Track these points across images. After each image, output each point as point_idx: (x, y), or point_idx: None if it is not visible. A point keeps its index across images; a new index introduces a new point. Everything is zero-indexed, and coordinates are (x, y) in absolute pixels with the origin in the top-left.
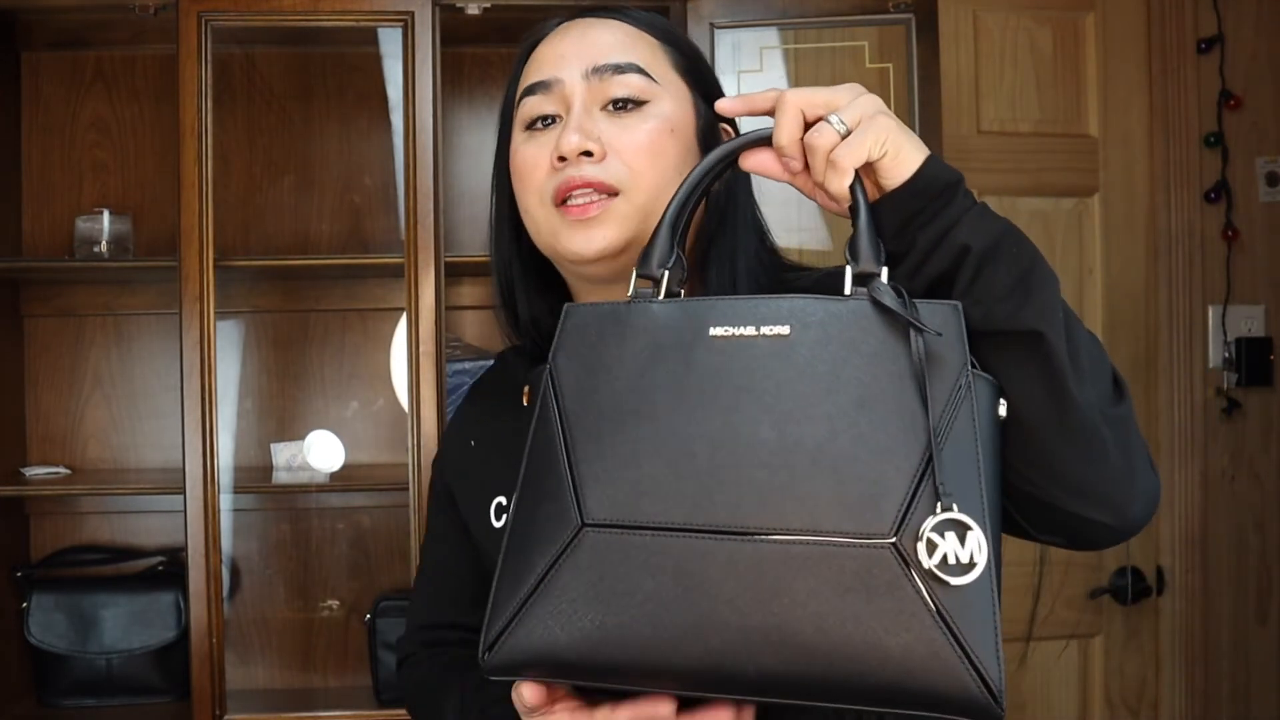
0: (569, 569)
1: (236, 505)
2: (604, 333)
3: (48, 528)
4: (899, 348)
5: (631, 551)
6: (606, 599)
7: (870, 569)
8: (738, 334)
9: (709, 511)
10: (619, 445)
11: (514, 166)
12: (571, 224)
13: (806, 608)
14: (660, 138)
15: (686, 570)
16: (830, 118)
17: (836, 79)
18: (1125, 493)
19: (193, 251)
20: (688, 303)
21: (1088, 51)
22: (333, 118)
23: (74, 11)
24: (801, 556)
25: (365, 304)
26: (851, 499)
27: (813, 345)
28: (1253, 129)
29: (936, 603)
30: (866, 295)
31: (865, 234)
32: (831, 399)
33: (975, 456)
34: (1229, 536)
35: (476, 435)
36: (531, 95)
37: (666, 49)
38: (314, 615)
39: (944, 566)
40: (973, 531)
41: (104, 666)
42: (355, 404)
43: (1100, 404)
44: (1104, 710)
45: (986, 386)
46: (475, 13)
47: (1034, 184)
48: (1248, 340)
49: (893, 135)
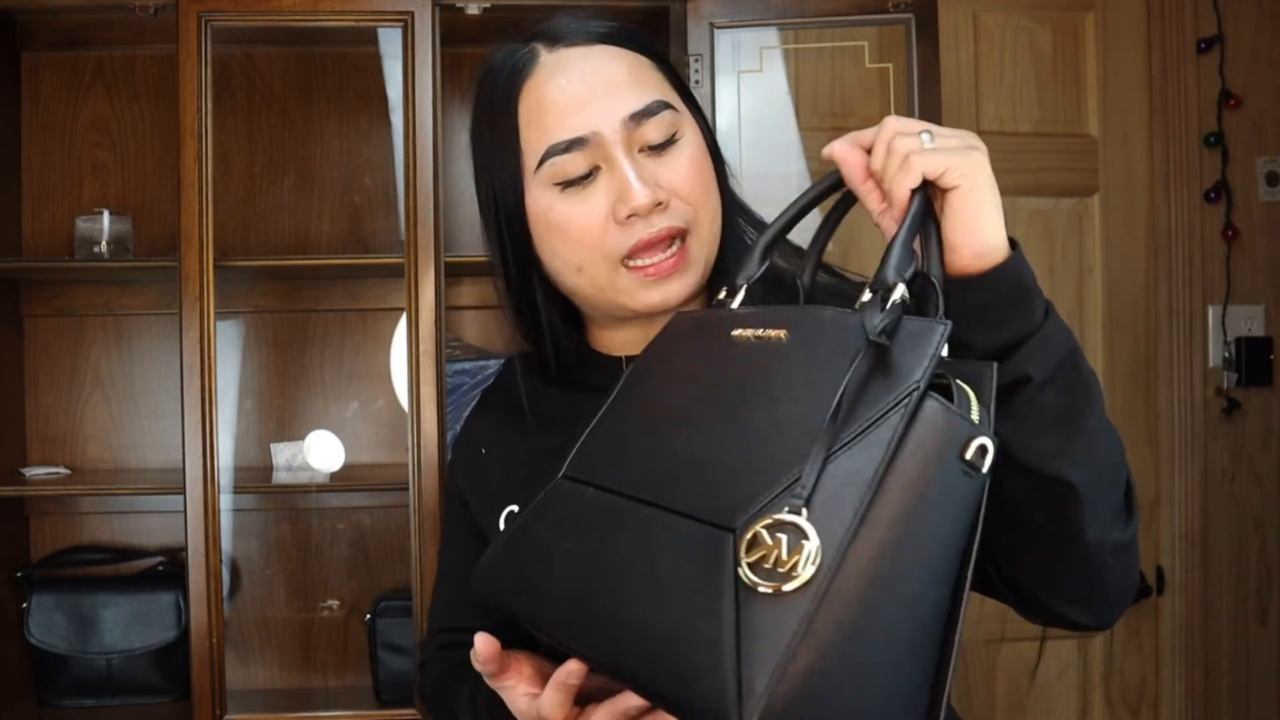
0: (540, 510)
1: (236, 505)
2: (676, 337)
3: (48, 528)
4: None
5: (580, 502)
6: (554, 540)
7: (707, 551)
8: (748, 335)
9: (646, 484)
10: (620, 421)
11: (549, 224)
12: (650, 281)
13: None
14: (701, 165)
15: (610, 527)
16: (923, 134)
17: (836, 79)
18: (1107, 603)
19: (193, 251)
20: (737, 310)
21: (1088, 51)
22: (333, 118)
23: (74, 12)
24: (679, 530)
25: (365, 304)
26: (740, 488)
27: (799, 346)
28: (1253, 129)
29: (738, 597)
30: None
31: (897, 248)
32: (784, 396)
33: (872, 474)
34: (1229, 536)
35: (486, 444)
36: (564, 154)
37: (657, 65)
38: (314, 615)
39: (757, 567)
40: (809, 543)
41: (104, 667)
42: (355, 404)
43: (1110, 535)
44: (1104, 710)
45: (961, 425)
46: (475, 13)
47: (1034, 184)
48: (1248, 340)
49: (976, 176)
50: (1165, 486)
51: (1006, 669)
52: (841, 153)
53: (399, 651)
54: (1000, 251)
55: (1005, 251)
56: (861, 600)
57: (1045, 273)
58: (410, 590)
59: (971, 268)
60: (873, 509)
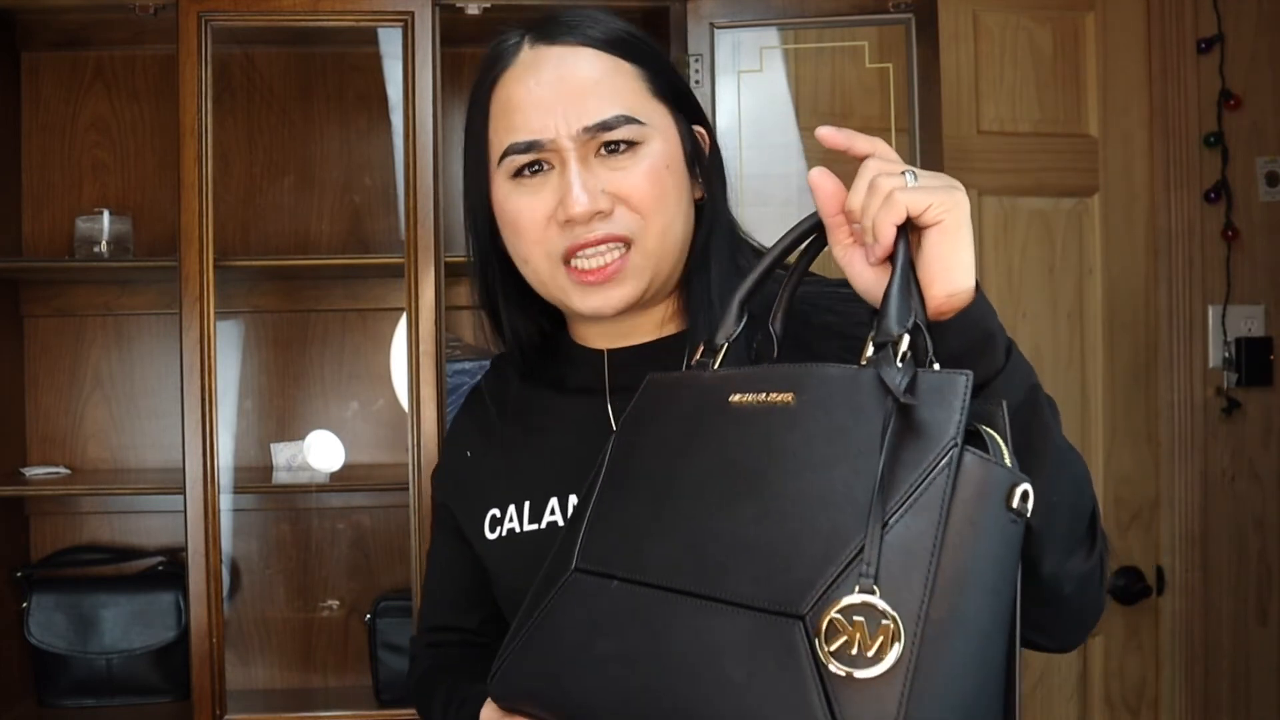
0: (557, 606)
1: (236, 505)
2: (659, 402)
3: (48, 528)
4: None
5: (603, 597)
6: (580, 638)
7: (776, 642)
8: (749, 400)
9: (673, 571)
10: (626, 502)
11: (504, 216)
12: (584, 288)
13: (715, 673)
14: (660, 177)
15: (641, 621)
16: (907, 172)
17: (836, 79)
18: (1068, 630)
19: (193, 251)
20: (725, 372)
21: (1088, 51)
22: (333, 118)
23: (74, 12)
24: (733, 623)
25: (365, 304)
26: (793, 572)
27: (814, 412)
28: (1253, 129)
29: (826, 689)
30: (874, 365)
31: (895, 297)
32: (817, 468)
33: (931, 542)
34: (1229, 536)
35: (472, 446)
36: (519, 154)
37: (643, 73)
38: (314, 615)
39: (842, 655)
40: (887, 623)
41: (104, 667)
42: (355, 404)
43: (1068, 566)
44: (1104, 710)
45: (1000, 474)
46: (475, 13)
47: (1034, 184)
48: (1248, 340)
49: (957, 214)
50: (1165, 486)
51: None
52: (818, 180)
53: (399, 651)
54: (968, 294)
55: (972, 294)
56: (943, 666)
57: (1045, 272)
58: (410, 590)
59: (942, 308)
60: (939, 576)
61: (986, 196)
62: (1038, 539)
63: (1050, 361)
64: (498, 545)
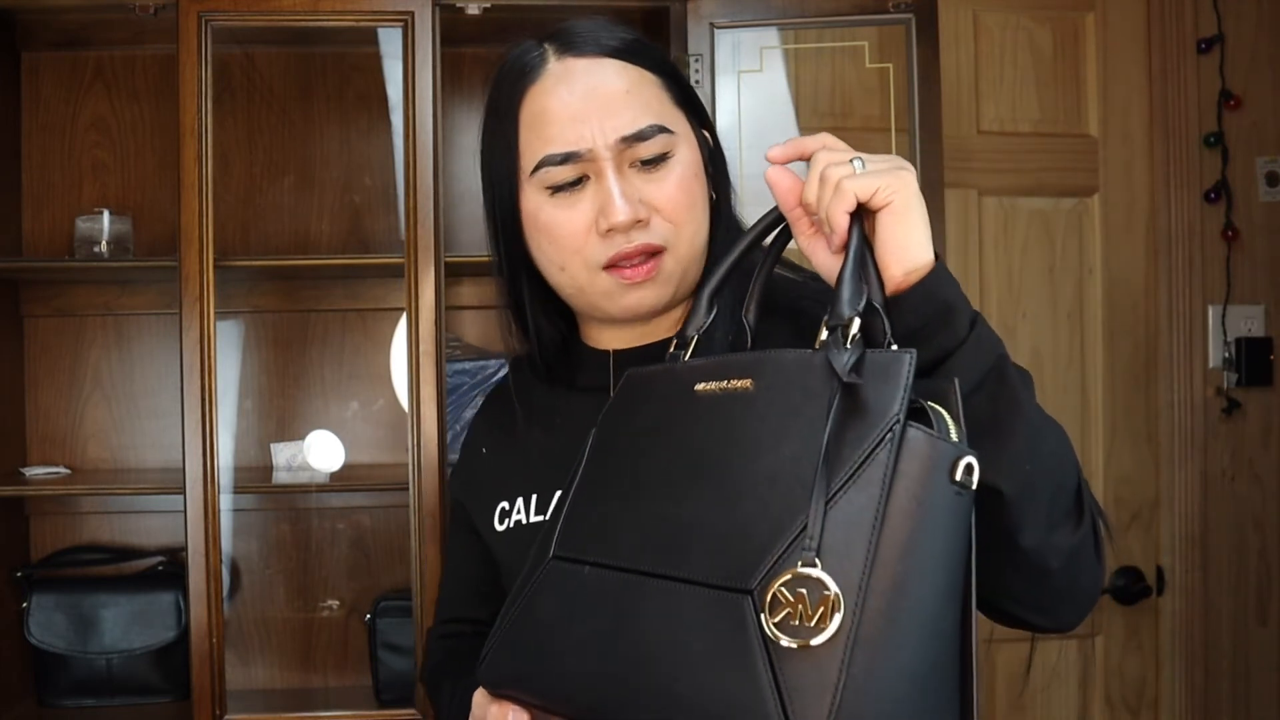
0: (535, 593)
1: (236, 505)
2: (636, 396)
3: (48, 528)
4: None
5: (577, 583)
6: (558, 622)
7: (728, 617)
8: (712, 388)
9: (643, 555)
10: (601, 491)
11: (538, 226)
12: (626, 287)
13: (679, 650)
14: (690, 186)
15: (615, 604)
16: (854, 160)
17: (836, 79)
18: (1063, 606)
19: (193, 251)
20: (694, 362)
21: (1088, 51)
22: (333, 118)
23: (74, 12)
24: (692, 597)
25: (365, 304)
26: (745, 547)
27: (770, 396)
28: (1253, 129)
29: (771, 659)
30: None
31: (848, 281)
32: (771, 450)
33: (873, 515)
34: (1229, 536)
35: (488, 444)
36: (558, 166)
37: (664, 82)
38: (314, 615)
39: (785, 626)
40: (830, 592)
41: (104, 666)
42: (355, 404)
43: (1052, 539)
44: (1104, 710)
45: (944, 448)
46: (475, 13)
47: (1034, 184)
48: (1248, 340)
49: (905, 193)
50: (1165, 486)
51: (1006, 669)
52: (775, 178)
53: (399, 651)
54: (926, 268)
55: (930, 267)
56: (887, 637)
57: (1045, 272)
58: (410, 590)
59: (901, 285)
60: (880, 547)
61: (986, 196)
62: (1014, 510)
63: (1050, 361)
64: (506, 536)
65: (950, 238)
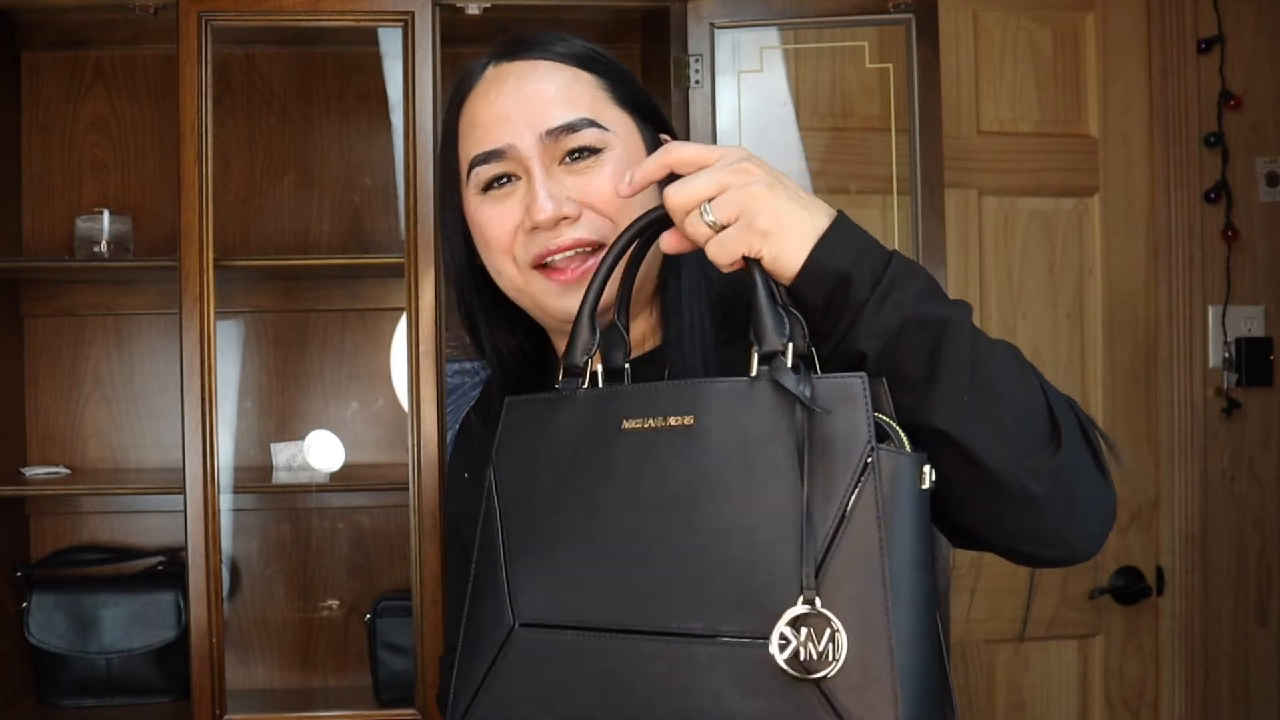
0: (505, 667)
1: (236, 505)
2: (533, 429)
3: (48, 527)
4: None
5: (558, 650)
6: (539, 697)
7: (761, 667)
8: (647, 425)
9: (625, 612)
10: (548, 545)
11: (475, 229)
12: (558, 288)
13: (713, 705)
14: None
15: (603, 668)
16: (704, 209)
17: (836, 79)
18: (1066, 534)
19: (193, 251)
20: (604, 392)
21: (1088, 51)
22: (333, 118)
23: (74, 11)
24: (705, 657)
25: (365, 304)
26: (748, 595)
27: (719, 432)
28: (1253, 129)
29: (830, 699)
30: (768, 375)
31: (765, 312)
32: (738, 489)
33: (875, 539)
34: (1229, 536)
35: (468, 468)
36: (484, 165)
37: (603, 83)
38: (314, 615)
39: (795, 662)
40: (832, 625)
41: (104, 666)
42: (355, 404)
43: (1028, 463)
44: (1104, 710)
45: (900, 460)
46: (475, 13)
47: (1034, 184)
48: (1248, 340)
49: (770, 238)
50: (1165, 486)
51: (1006, 669)
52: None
53: (399, 651)
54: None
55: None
56: (899, 646)
57: (1045, 272)
58: (410, 590)
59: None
60: (886, 568)
61: (986, 196)
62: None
63: (1050, 361)
64: None
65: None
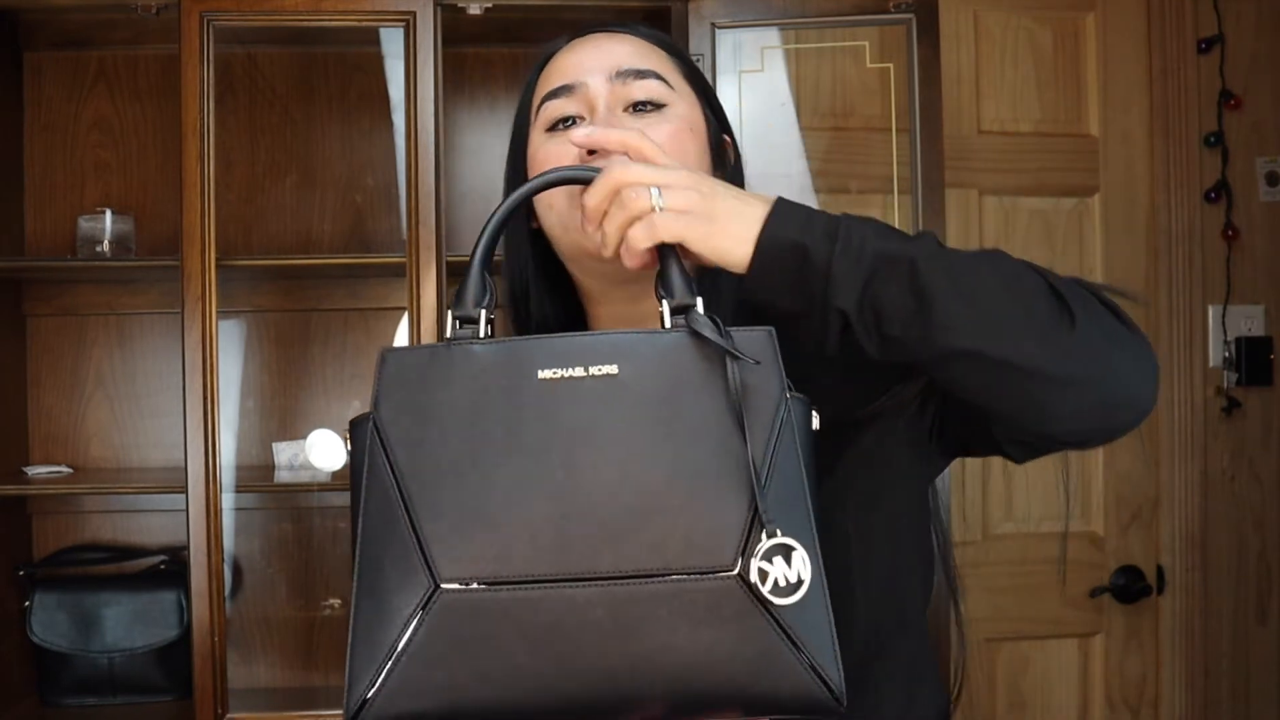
0: (428, 632)
1: (238, 504)
2: (427, 379)
3: (50, 527)
4: (722, 379)
5: (493, 608)
6: (472, 658)
7: (719, 600)
8: (566, 375)
9: (565, 562)
10: (462, 499)
11: (534, 164)
12: None
13: (663, 640)
14: (683, 135)
15: (548, 621)
16: (653, 192)
17: (837, 79)
18: (1118, 393)
19: (195, 251)
20: (511, 343)
21: (1088, 51)
22: (335, 117)
23: (76, 11)
24: (656, 594)
25: (367, 303)
26: (697, 535)
27: (642, 382)
28: (1253, 129)
29: (779, 620)
30: (686, 327)
31: (674, 270)
32: (668, 436)
33: (801, 479)
34: (1229, 536)
35: None
36: (554, 99)
37: (676, 61)
38: (316, 614)
39: (776, 590)
40: (797, 551)
41: (106, 665)
42: (357, 403)
43: (1052, 345)
44: (1104, 710)
45: (800, 406)
46: (477, 13)
47: (1034, 184)
48: (1248, 340)
49: (717, 221)
50: (1165, 486)
51: (1006, 669)
52: None
53: None
54: (751, 246)
55: (754, 246)
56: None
57: None
58: None
59: (731, 265)
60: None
61: (987, 196)
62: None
63: None
64: None
65: (950, 238)
